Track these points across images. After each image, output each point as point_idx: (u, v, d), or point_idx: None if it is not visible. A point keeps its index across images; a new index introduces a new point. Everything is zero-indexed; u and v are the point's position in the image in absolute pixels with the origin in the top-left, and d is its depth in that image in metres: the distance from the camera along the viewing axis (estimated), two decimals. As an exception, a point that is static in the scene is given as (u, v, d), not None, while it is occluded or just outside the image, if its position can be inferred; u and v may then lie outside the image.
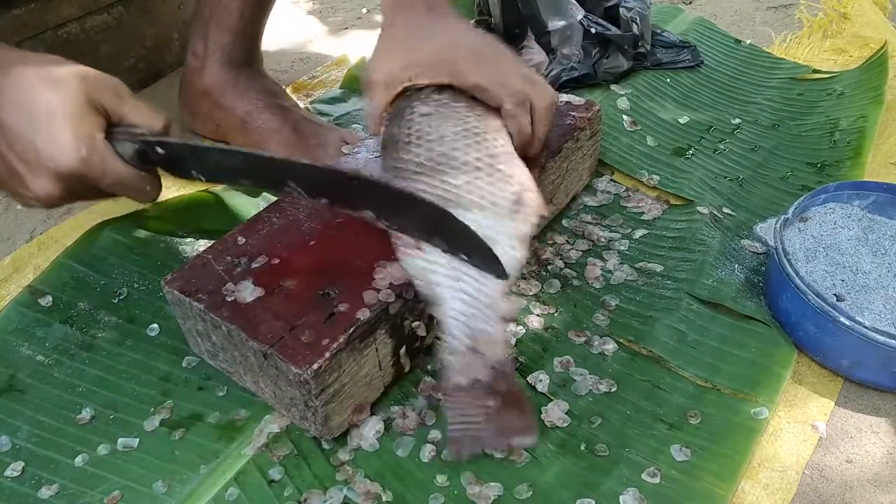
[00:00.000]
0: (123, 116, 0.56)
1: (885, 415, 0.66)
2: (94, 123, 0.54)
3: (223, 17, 0.88)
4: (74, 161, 0.52)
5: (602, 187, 0.89)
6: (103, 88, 0.55)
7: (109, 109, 0.55)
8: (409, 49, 0.65)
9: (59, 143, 0.52)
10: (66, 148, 0.52)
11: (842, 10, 1.19)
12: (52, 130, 0.51)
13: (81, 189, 0.56)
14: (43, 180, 0.53)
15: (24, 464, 0.61)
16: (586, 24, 1.03)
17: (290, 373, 0.55)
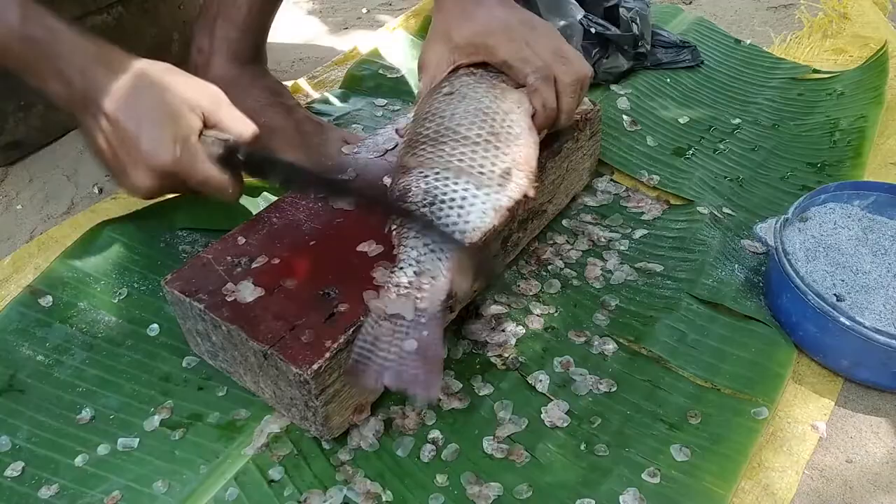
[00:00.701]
0: (218, 122, 0.63)
1: (885, 415, 0.66)
2: (190, 126, 0.60)
3: (231, 13, 0.88)
4: (169, 160, 0.59)
5: (602, 187, 0.89)
6: (204, 95, 0.62)
7: (207, 114, 0.62)
8: (452, 32, 0.70)
9: (158, 142, 0.58)
10: (164, 147, 0.58)
11: (842, 10, 1.19)
12: (154, 130, 0.58)
13: (172, 184, 0.62)
14: (140, 173, 0.60)
15: (24, 464, 0.61)
16: (586, 24, 1.03)
17: (290, 373, 0.55)
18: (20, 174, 0.98)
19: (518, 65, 0.68)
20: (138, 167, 0.60)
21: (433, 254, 0.57)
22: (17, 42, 0.58)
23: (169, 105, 0.59)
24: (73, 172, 0.98)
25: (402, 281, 0.56)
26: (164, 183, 0.61)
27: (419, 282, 0.55)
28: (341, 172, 0.70)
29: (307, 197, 0.71)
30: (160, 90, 0.59)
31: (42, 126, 1.00)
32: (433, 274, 0.56)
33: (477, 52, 0.70)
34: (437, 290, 0.56)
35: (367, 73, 1.09)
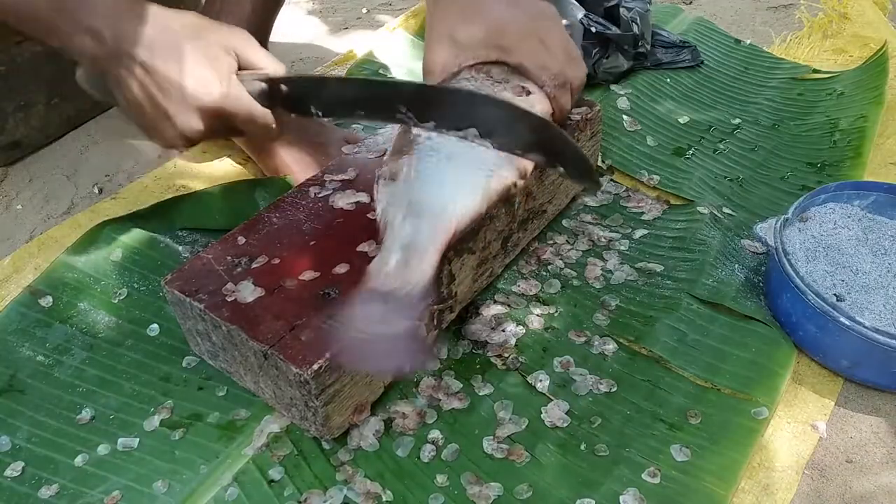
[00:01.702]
0: (251, 61, 0.62)
1: (885, 415, 0.66)
2: (230, 65, 0.61)
3: (234, 11, 0.88)
4: (217, 96, 0.59)
5: (602, 187, 0.89)
6: (235, 36, 0.62)
7: (240, 53, 0.62)
8: (457, 33, 0.69)
9: (204, 82, 0.59)
10: (210, 85, 0.59)
11: (842, 10, 1.19)
12: (197, 71, 0.58)
13: (219, 126, 0.62)
14: (189, 116, 0.60)
15: (24, 464, 0.61)
16: (586, 24, 1.03)
17: (290, 373, 0.55)
18: (20, 174, 0.98)
19: (536, 71, 0.68)
20: (185, 110, 0.59)
21: (420, 235, 0.56)
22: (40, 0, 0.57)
23: (206, 47, 0.59)
24: (73, 172, 0.98)
25: (387, 267, 0.55)
26: (212, 124, 0.61)
27: (404, 266, 0.55)
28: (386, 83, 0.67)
29: (307, 197, 0.71)
30: (194, 34, 0.60)
31: (42, 126, 1.00)
32: (418, 258, 0.55)
33: (488, 54, 0.68)
34: (420, 275, 0.55)
35: (367, 74, 1.09)
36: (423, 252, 0.56)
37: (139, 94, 0.59)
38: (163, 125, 0.61)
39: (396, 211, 0.57)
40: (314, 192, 0.72)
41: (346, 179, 0.73)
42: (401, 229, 0.56)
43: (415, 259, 0.55)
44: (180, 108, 0.59)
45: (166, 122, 0.60)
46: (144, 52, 0.58)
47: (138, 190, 0.91)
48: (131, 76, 0.59)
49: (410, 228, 0.56)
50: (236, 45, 0.62)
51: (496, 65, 0.69)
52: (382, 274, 0.55)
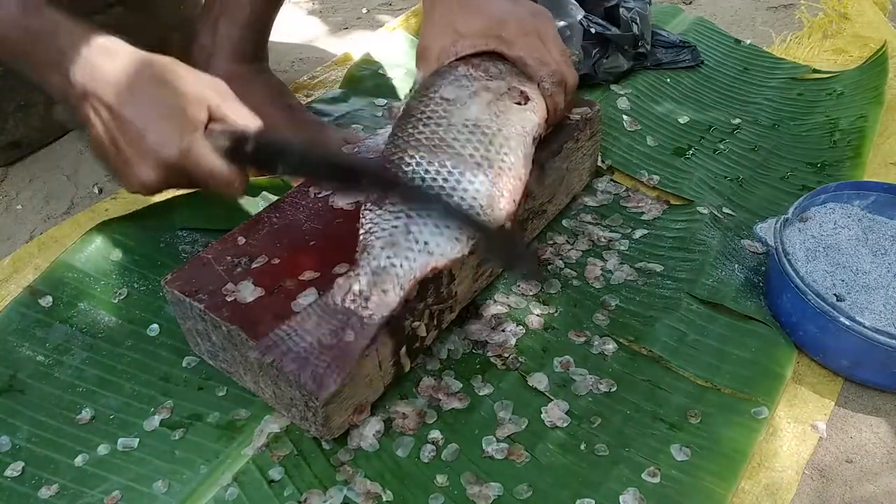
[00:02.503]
0: (224, 116, 0.60)
1: (885, 415, 0.66)
2: (197, 119, 0.59)
3: (233, 11, 0.88)
4: (176, 153, 0.57)
5: (602, 187, 0.89)
6: (209, 88, 0.60)
7: (212, 107, 0.60)
8: (457, 23, 0.69)
9: (165, 135, 0.57)
10: (171, 140, 0.57)
11: (842, 10, 1.19)
12: (160, 122, 0.57)
13: (177, 179, 0.60)
14: (146, 167, 0.58)
15: (24, 464, 0.61)
16: (586, 24, 1.03)
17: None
18: (20, 174, 0.98)
19: (535, 65, 0.68)
20: (143, 161, 0.58)
21: (394, 268, 0.56)
22: (16, 32, 0.57)
23: (174, 97, 0.58)
24: (73, 172, 0.98)
25: (353, 287, 0.56)
26: (170, 177, 0.60)
27: (370, 292, 0.55)
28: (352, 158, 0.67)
29: (307, 197, 0.71)
30: (165, 82, 0.58)
31: (42, 126, 1.00)
32: (385, 288, 0.56)
33: (487, 43, 0.68)
34: (383, 305, 0.55)
35: (367, 73, 1.09)
36: (393, 284, 0.56)
37: (104, 137, 0.59)
38: (123, 171, 0.60)
39: (377, 238, 0.57)
40: (314, 192, 0.72)
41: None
42: (377, 256, 0.57)
43: (383, 288, 0.56)
44: (140, 157, 0.58)
45: (126, 168, 0.59)
46: (112, 96, 0.57)
47: (138, 190, 0.91)
48: (97, 118, 0.58)
49: (386, 258, 0.56)
50: (209, 97, 0.60)
51: (492, 60, 0.69)
52: (347, 292, 0.55)
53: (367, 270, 0.56)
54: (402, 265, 0.56)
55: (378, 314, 0.55)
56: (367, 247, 0.58)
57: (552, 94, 0.69)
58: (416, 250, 0.57)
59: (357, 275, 0.56)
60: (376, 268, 0.56)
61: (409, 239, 0.57)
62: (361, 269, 0.56)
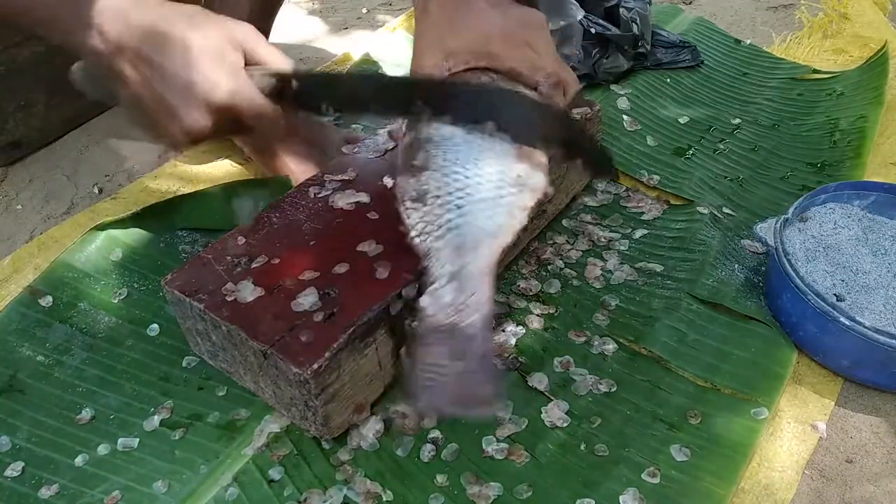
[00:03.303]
0: (259, 57, 0.61)
1: (885, 415, 0.66)
2: (237, 60, 0.59)
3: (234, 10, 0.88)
4: (226, 93, 0.57)
5: (602, 187, 0.89)
6: (241, 31, 0.60)
7: (248, 51, 0.60)
8: (446, 39, 0.68)
9: (212, 78, 0.57)
10: (219, 82, 0.57)
11: (842, 10, 1.19)
12: (205, 66, 0.57)
13: (226, 123, 0.60)
14: (195, 112, 0.58)
15: (24, 464, 0.61)
16: (586, 24, 1.03)
17: (290, 373, 0.55)
18: (20, 174, 0.98)
19: (528, 72, 0.67)
20: (193, 108, 0.57)
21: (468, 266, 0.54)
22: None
23: (212, 42, 0.57)
24: (73, 172, 0.98)
25: (444, 300, 0.54)
26: (220, 120, 0.59)
27: (460, 299, 0.54)
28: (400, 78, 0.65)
29: (307, 197, 0.71)
30: (200, 29, 0.57)
31: (42, 126, 1.00)
32: (472, 290, 0.54)
33: (478, 60, 0.67)
34: (480, 303, 0.54)
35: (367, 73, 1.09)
36: (476, 279, 0.54)
37: (143, 91, 0.58)
38: (167, 123, 0.59)
39: (436, 238, 0.56)
40: (314, 192, 0.72)
41: (346, 179, 0.73)
42: (447, 259, 0.55)
43: (468, 287, 0.54)
44: (187, 105, 0.57)
45: (171, 120, 0.59)
46: (149, 48, 0.56)
47: (138, 190, 0.91)
48: (135, 72, 0.57)
49: (457, 256, 0.55)
50: (243, 40, 0.60)
51: (485, 72, 0.68)
52: (440, 309, 0.54)
53: (445, 279, 0.54)
54: (475, 260, 0.55)
55: (481, 314, 0.54)
56: (432, 251, 0.56)
57: (550, 96, 0.69)
58: (482, 237, 0.56)
59: (439, 287, 0.54)
60: (453, 273, 0.54)
61: (469, 229, 0.56)
62: (440, 279, 0.55)
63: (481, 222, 0.56)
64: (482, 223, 0.56)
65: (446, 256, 0.55)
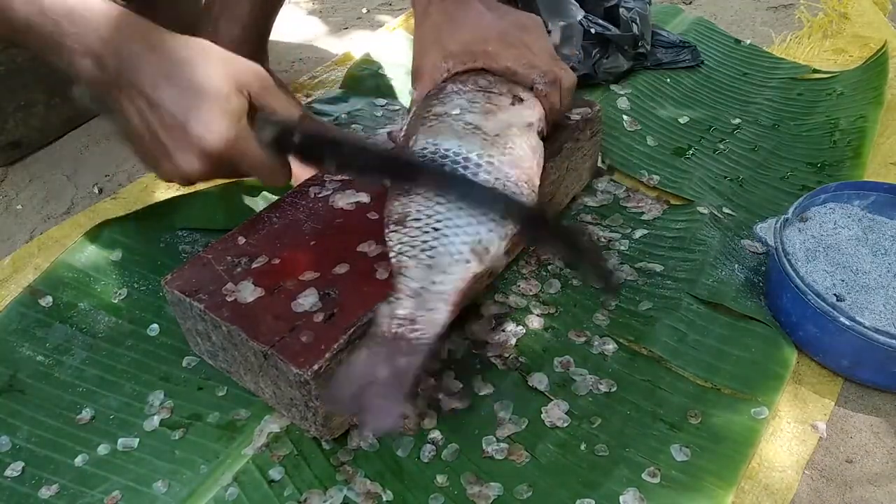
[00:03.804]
0: (266, 104, 0.58)
1: (885, 415, 0.66)
2: (240, 106, 0.56)
3: (234, 10, 0.88)
4: (221, 142, 0.54)
5: (602, 187, 0.89)
6: (250, 74, 0.57)
7: (253, 95, 0.57)
8: (444, 40, 0.69)
9: (209, 124, 0.54)
10: (215, 129, 0.54)
11: (842, 10, 1.19)
12: (203, 110, 0.54)
13: (221, 168, 0.57)
14: (189, 156, 0.55)
15: (24, 464, 0.61)
16: (586, 24, 1.03)
17: (291, 373, 0.56)
18: (20, 174, 0.98)
19: (524, 70, 0.68)
20: (186, 151, 0.55)
21: (434, 286, 0.55)
22: (40, 16, 0.52)
23: (216, 85, 0.54)
24: (73, 172, 0.98)
25: (398, 312, 0.54)
26: (214, 167, 0.56)
27: (415, 314, 0.54)
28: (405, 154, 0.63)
29: (307, 197, 0.71)
30: (206, 69, 0.55)
31: (42, 126, 1.00)
32: (430, 307, 0.54)
33: (475, 60, 0.69)
34: (432, 324, 0.54)
35: (367, 73, 1.09)
36: (438, 299, 0.54)
37: (139, 125, 0.55)
38: (162, 161, 0.56)
39: (410, 258, 0.56)
40: (314, 192, 0.72)
41: (346, 179, 0.73)
42: (415, 277, 0.55)
43: (428, 307, 0.54)
44: (182, 148, 0.55)
45: (165, 159, 0.56)
46: (149, 84, 0.53)
47: (138, 190, 0.91)
48: (132, 106, 0.54)
49: (424, 277, 0.55)
50: (250, 84, 0.57)
51: (482, 74, 0.70)
52: (393, 319, 0.54)
53: (408, 293, 0.55)
54: (443, 281, 0.55)
55: (428, 333, 0.53)
56: (403, 268, 0.56)
57: (547, 94, 0.69)
58: (454, 261, 0.56)
59: (399, 299, 0.54)
60: (417, 289, 0.55)
61: (443, 251, 0.56)
62: (402, 292, 0.55)
63: (457, 247, 0.56)
64: (457, 248, 0.56)
65: (415, 274, 0.55)
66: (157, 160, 0.57)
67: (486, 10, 0.70)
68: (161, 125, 0.54)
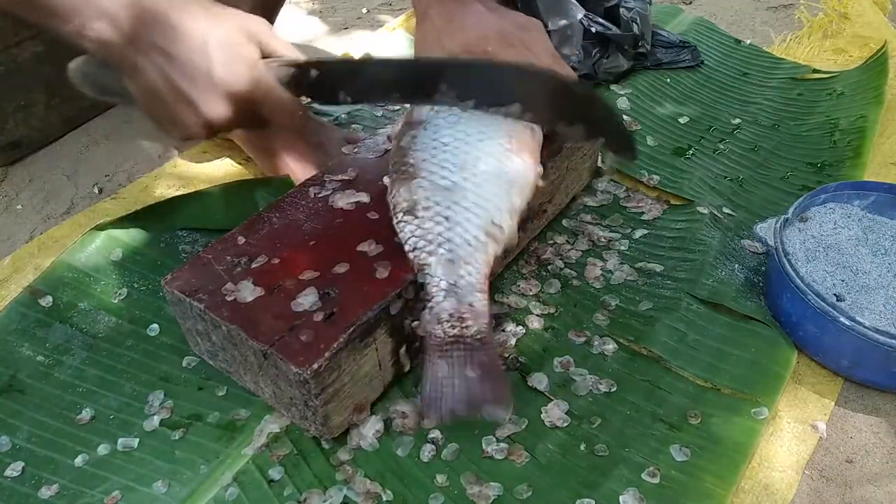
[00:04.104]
0: (271, 49, 0.61)
1: (885, 415, 0.66)
2: (254, 52, 0.60)
3: None
4: (247, 81, 0.58)
5: (602, 187, 0.89)
6: (254, 23, 0.61)
7: (262, 42, 0.61)
8: (444, 41, 0.69)
9: (232, 67, 0.57)
10: (239, 71, 0.58)
11: (842, 10, 1.19)
12: (224, 57, 0.57)
13: (243, 112, 0.60)
14: (214, 102, 0.58)
15: (24, 464, 0.61)
16: (586, 24, 1.03)
17: (290, 372, 0.55)
18: (20, 174, 0.98)
19: None
20: (211, 97, 0.58)
21: (462, 279, 0.55)
22: None
23: (229, 33, 0.58)
24: (73, 172, 0.98)
25: (443, 315, 0.55)
26: (238, 111, 0.59)
27: (459, 311, 0.55)
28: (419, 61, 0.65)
29: (307, 197, 0.71)
30: (216, 20, 0.58)
31: (42, 126, 1.00)
32: (469, 301, 0.55)
33: None
34: (478, 314, 0.55)
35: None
36: (472, 290, 0.55)
37: (158, 81, 0.57)
38: (184, 114, 0.59)
39: (428, 254, 0.57)
40: (314, 192, 0.72)
41: (346, 179, 0.73)
42: (441, 276, 0.56)
43: (468, 302, 0.55)
44: (206, 95, 0.58)
45: (188, 111, 0.58)
46: (165, 39, 0.56)
47: (138, 190, 0.91)
48: (150, 63, 0.57)
49: (450, 273, 0.56)
50: (257, 32, 0.60)
51: None
52: (442, 324, 0.55)
53: (441, 295, 0.55)
54: (469, 272, 0.56)
55: (481, 324, 0.55)
56: (425, 266, 0.57)
57: None
58: (472, 249, 0.56)
59: (438, 303, 0.55)
60: (448, 287, 0.55)
61: (460, 242, 0.56)
62: (435, 294, 0.56)
63: (472, 234, 0.57)
64: (472, 234, 0.57)
65: (440, 272, 0.56)
66: (179, 114, 0.59)
67: (485, 10, 0.70)
68: (183, 76, 0.57)
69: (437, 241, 0.57)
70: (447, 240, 0.57)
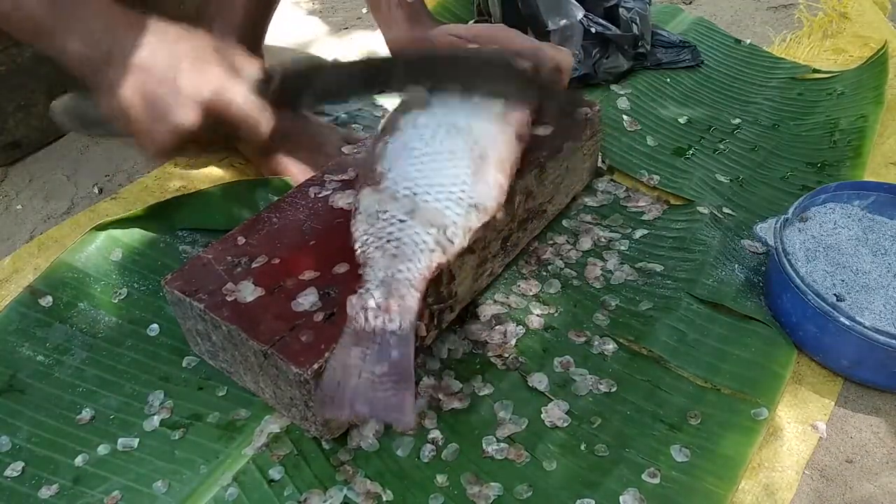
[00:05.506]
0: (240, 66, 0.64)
1: (885, 415, 0.66)
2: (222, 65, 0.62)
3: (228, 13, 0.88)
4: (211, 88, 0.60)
5: (602, 187, 0.89)
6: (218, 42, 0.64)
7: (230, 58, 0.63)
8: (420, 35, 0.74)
9: (199, 78, 0.60)
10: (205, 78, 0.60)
11: (842, 10, 1.19)
12: (193, 68, 0.60)
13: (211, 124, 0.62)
14: (184, 109, 0.60)
15: (24, 464, 0.61)
16: (586, 24, 1.03)
17: (291, 373, 0.56)
18: (20, 174, 0.98)
19: None
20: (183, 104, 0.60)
21: (401, 273, 0.55)
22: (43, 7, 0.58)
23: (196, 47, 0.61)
24: (73, 172, 0.98)
25: (369, 304, 0.54)
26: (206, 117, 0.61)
27: (387, 303, 0.54)
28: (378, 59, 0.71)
29: (307, 197, 0.71)
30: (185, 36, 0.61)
31: (42, 126, 1.00)
32: (401, 293, 0.55)
33: None
34: (406, 310, 0.54)
35: (367, 73, 1.09)
36: (406, 286, 0.55)
37: (131, 95, 0.59)
38: (155, 126, 0.60)
39: (375, 249, 0.57)
40: (314, 192, 0.72)
41: (346, 179, 0.73)
42: (382, 267, 0.56)
43: (396, 293, 0.55)
44: (177, 106, 0.59)
45: (159, 123, 0.60)
46: (140, 55, 0.59)
47: (138, 190, 0.91)
48: (123, 80, 0.59)
49: (389, 266, 0.56)
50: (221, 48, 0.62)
51: None
52: (366, 311, 0.54)
53: (375, 283, 0.55)
54: (408, 269, 0.56)
55: (405, 320, 0.54)
56: (369, 260, 0.57)
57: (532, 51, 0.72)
58: (419, 250, 0.56)
59: (367, 290, 0.55)
60: (384, 278, 0.55)
61: (407, 242, 0.57)
62: (370, 283, 0.55)
63: (421, 237, 0.57)
64: (422, 238, 0.57)
65: (380, 264, 0.56)
66: (150, 126, 0.61)
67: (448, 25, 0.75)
68: (154, 85, 0.59)
69: (385, 238, 0.57)
70: (396, 238, 0.57)
